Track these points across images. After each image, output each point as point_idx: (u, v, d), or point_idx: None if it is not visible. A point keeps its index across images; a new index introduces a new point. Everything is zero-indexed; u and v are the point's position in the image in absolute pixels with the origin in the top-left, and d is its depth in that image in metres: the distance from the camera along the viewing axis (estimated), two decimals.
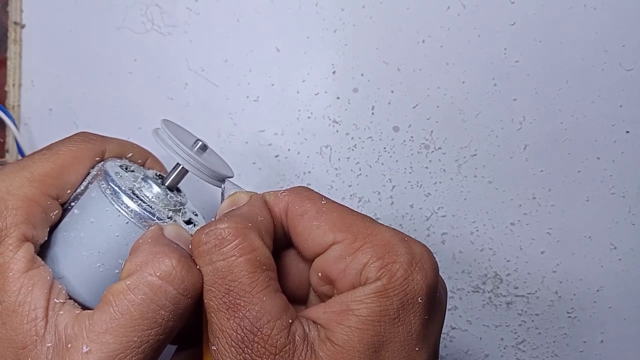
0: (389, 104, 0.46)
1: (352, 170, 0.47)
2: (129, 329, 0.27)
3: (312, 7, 0.46)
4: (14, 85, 0.50)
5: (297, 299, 0.33)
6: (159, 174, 0.36)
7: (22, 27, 0.50)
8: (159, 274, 0.28)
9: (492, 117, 0.46)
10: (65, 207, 0.33)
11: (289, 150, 0.48)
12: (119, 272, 0.30)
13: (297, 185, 0.43)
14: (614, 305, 0.47)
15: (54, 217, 0.32)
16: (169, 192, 0.34)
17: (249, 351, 0.27)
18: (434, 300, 0.29)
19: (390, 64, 0.46)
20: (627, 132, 0.45)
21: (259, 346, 0.27)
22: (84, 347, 0.27)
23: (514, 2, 0.44)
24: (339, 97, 0.47)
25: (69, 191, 0.33)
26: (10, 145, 0.51)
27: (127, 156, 0.36)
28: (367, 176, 0.47)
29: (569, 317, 0.47)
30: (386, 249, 0.28)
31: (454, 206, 0.47)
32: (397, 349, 0.28)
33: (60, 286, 0.30)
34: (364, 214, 0.31)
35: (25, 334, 0.28)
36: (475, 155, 0.46)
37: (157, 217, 0.32)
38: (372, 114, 0.47)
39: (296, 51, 0.47)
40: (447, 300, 0.32)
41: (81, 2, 0.49)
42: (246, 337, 0.27)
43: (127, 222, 0.31)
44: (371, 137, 0.47)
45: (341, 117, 0.47)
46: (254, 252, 0.28)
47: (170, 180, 0.34)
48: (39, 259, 0.30)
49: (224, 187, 0.34)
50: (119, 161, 0.35)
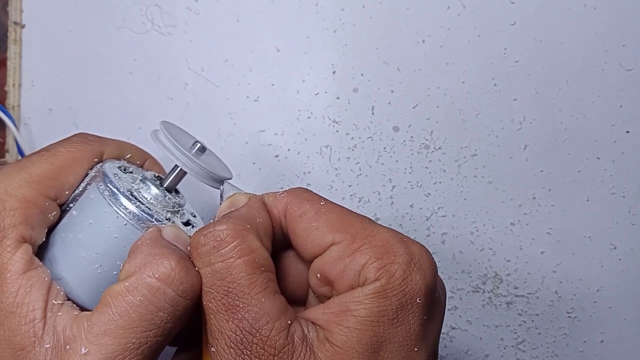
0: (389, 104, 0.46)
1: (352, 170, 0.47)
2: (127, 330, 0.27)
3: (312, 7, 0.46)
4: (14, 85, 0.50)
5: (296, 300, 0.33)
6: (157, 175, 0.36)
7: (22, 27, 0.50)
8: (157, 276, 0.28)
9: (492, 117, 0.46)
10: (63, 209, 0.33)
11: (289, 150, 0.48)
12: (117, 273, 0.30)
13: (297, 185, 0.44)
14: (614, 305, 0.47)
15: (52, 218, 0.32)
16: (167, 193, 0.34)
17: (248, 352, 0.27)
18: (432, 300, 0.29)
19: (390, 64, 0.46)
20: (627, 132, 0.45)
21: (258, 347, 0.27)
22: (83, 349, 0.27)
23: (514, 2, 0.44)
24: (339, 97, 0.47)
25: (67, 192, 0.33)
26: (10, 145, 0.51)
27: (126, 157, 0.36)
28: (367, 176, 0.47)
29: (569, 317, 0.47)
30: (385, 250, 0.28)
31: (454, 206, 0.47)
32: (396, 350, 0.28)
33: (58, 287, 0.30)
34: (362, 215, 0.31)
35: (23, 335, 0.28)
36: (475, 155, 0.46)
37: (155, 219, 0.32)
38: (372, 114, 0.47)
39: (296, 51, 0.47)
40: (446, 300, 0.32)
41: (81, 2, 0.49)
42: (245, 339, 0.27)
43: (125, 224, 0.31)
44: (371, 137, 0.47)
45: (341, 117, 0.47)
46: (253, 254, 0.28)
47: (168, 181, 0.34)
48: (37, 260, 0.30)
49: (222, 188, 0.34)
50: (117, 162, 0.35)
